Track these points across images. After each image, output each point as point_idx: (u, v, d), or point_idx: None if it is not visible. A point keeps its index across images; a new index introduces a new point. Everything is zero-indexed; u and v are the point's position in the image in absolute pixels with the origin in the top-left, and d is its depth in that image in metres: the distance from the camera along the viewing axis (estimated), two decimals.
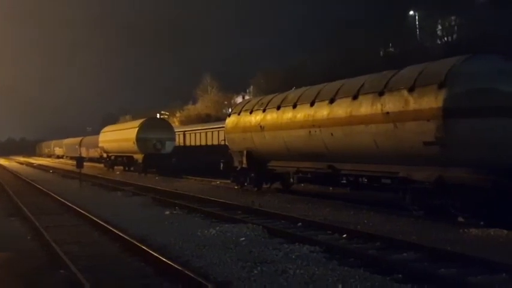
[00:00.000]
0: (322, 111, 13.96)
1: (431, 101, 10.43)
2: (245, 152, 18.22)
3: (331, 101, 13.69)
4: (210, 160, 24.88)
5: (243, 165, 18.44)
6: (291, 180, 16.73)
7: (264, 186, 18.53)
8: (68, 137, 70.05)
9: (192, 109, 66.30)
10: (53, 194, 17.70)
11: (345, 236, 9.32)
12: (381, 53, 38.39)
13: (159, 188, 19.89)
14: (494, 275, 6.53)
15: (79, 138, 58.20)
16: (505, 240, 8.69)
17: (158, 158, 30.53)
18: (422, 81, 10.87)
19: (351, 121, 12.75)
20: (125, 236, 9.32)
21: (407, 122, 10.98)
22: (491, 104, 10.00)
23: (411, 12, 37.40)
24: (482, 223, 9.87)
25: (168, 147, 31.57)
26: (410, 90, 10.99)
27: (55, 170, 37.77)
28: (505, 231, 9.09)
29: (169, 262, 7.17)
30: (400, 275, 6.56)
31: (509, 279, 6.37)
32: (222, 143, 24.90)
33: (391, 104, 11.46)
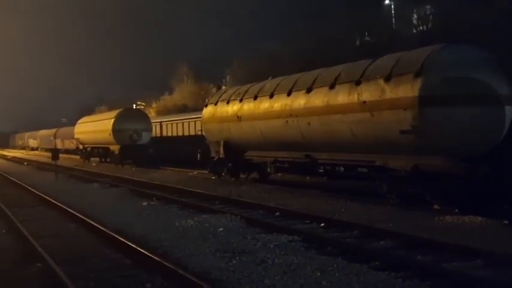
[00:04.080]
0: (299, 100, 13.99)
1: (407, 89, 10.52)
2: (222, 142, 18.17)
3: (308, 91, 13.72)
4: (187, 151, 24.76)
5: (220, 156, 18.39)
6: (268, 170, 16.78)
7: (242, 176, 18.54)
8: (42, 129, 68.89)
9: (168, 99, 65.65)
10: (28, 187, 17.42)
11: (322, 225, 9.40)
12: (357, 42, 38.53)
13: (135, 179, 19.75)
14: (469, 261, 6.65)
15: (54, 130, 57.27)
16: (480, 227, 8.86)
17: (135, 149, 30.22)
18: (399, 70, 10.95)
19: (327, 110, 12.80)
20: (102, 228, 9.24)
21: (384, 111, 11.07)
22: (466, 93, 10.15)
23: (387, 1, 37.56)
24: (456, 210, 10.05)
25: (145, 138, 31.29)
26: (387, 79, 11.07)
27: (30, 162, 37.17)
28: (479, 218, 9.26)
29: (147, 253, 7.13)
30: (377, 263, 6.64)
31: (484, 265, 6.50)
32: (199, 133, 24.79)
33: (367, 93, 11.54)
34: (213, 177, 19.43)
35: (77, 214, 11.02)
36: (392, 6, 37.79)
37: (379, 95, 11.21)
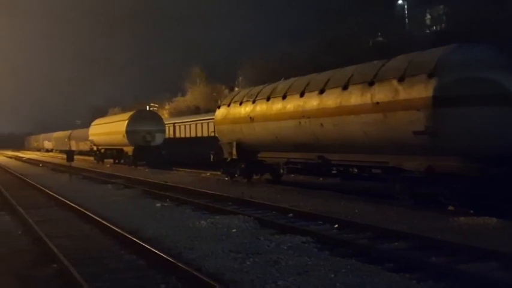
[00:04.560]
0: (312, 101, 13.98)
1: (421, 90, 10.47)
2: (235, 144, 18.21)
3: (321, 92, 13.70)
4: (200, 152, 24.84)
5: (233, 157, 18.43)
6: (281, 171, 16.77)
7: (254, 177, 18.55)
8: (57, 131, 69.54)
9: (181, 101, 65.98)
10: (43, 188, 17.58)
11: (336, 226, 9.38)
12: (370, 42, 38.41)
13: (149, 180, 19.84)
14: (484, 262, 6.60)
15: (68, 132, 57.80)
16: (495, 228, 8.78)
17: (148, 150, 30.42)
18: (412, 70, 10.90)
19: (340, 111, 12.77)
20: (117, 229, 9.30)
21: (397, 111, 11.02)
22: (480, 93, 10.07)
23: (400, 1, 37.44)
24: (472, 211, 9.97)
25: (158, 140, 31.47)
26: (400, 80, 11.03)
27: (44, 164, 37.50)
28: (495, 219, 9.18)
29: (161, 254, 7.17)
30: (391, 264, 6.61)
31: (499, 266, 6.45)
32: (212, 134, 24.87)
33: (381, 94, 11.49)
34: (226, 179, 19.47)
35: (91, 215, 11.10)
36: (405, 7, 37.64)
37: (392, 96, 11.17)
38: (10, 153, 75.60)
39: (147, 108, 57.12)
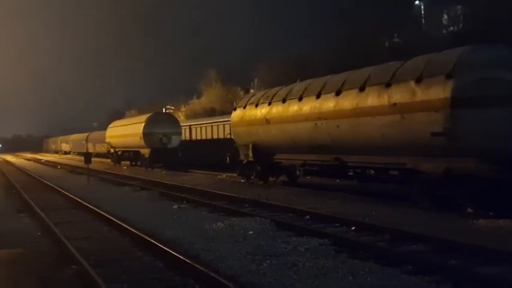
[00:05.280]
0: (328, 103, 13.94)
1: (439, 91, 10.38)
2: (251, 146, 18.22)
3: (338, 93, 13.65)
4: (215, 154, 24.91)
5: (249, 159, 18.46)
6: (297, 173, 16.72)
7: (270, 179, 18.55)
8: (74, 133, 70.26)
9: (196, 103, 66.23)
10: (61, 190, 17.80)
11: (353, 228, 9.33)
12: (386, 43, 38.18)
13: (165, 182, 19.96)
14: (505, 265, 6.50)
15: (85, 134, 58.33)
16: None
17: (164, 152, 30.60)
18: (430, 71, 10.82)
19: (357, 113, 12.71)
20: (134, 230, 9.37)
21: (415, 113, 10.94)
22: (499, 94, 9.96)
23: (417, 2, 37.15)
24: (491, 214, 9.85)
25: (174, 142, 31.64)
26: (418, 81, 10.95)
27: (62, 166, 37.95)
28: None
29: (179, 256, 7.21)
30: (410, 267, 6.56)
31: None
32: (228, 136, 24.91)
33: (398, 95, 11.42)
34: (242, 180, 19.50)
35: (109, 217, 11.21)
36: (422, 7, 37.35)
37: (409, 97, 11.09)
38: (29, 155, 76.62)
39: (163, 111, 57.48)
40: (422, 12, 37.29)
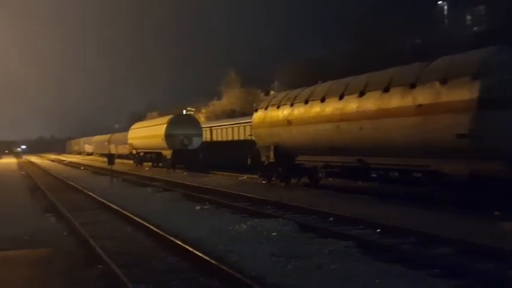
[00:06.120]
0: (351, 104, 13.87)
1: (464, 92, 10.26)
2: (272, 147, 18.22)
3: (361, 94, 13.58)
4: (236, 155, 24.97)
5: (270, 160, 18.46)
6: (319, 174, 16.67)
7: (292, 181, 18.51)
8: (96, 135, 71.13)
9: (217, 105, 66.47)
10: (85, 191, 18.02)
11: (378, 230, 9.25)
12: (408, 44, 37.83)
13: (187, 183, 20.06)
14: None
15: (108, 136, 59.04)
16: None
17: (186, 153, 30.79)
18: (455, 72, 10.71)
19: (380, 114, 12.63)
20: (158, 231, 9.44)
21: (440, 114, 10.83)
22: None
23: (439, 2, 36.74)
24: None
25: (196, 143, 31.82)
26: (443, 82, 10.85)
27: (85, 167, 38.42)
28: None
29: (204, 257, 7.24)
30: (437, 270, 6.49)
31: None
32: (249, 138, 24.95)
33: (423, 96, 11.32)
34: (263, 182, 19.50)
35: (133, 217, 11.31)
36: (445, 7, 36.92)
37: (434, 98, 10.98)
38: (52, 156, 77.84)
39: (184, 112, 57.82)
40: (445, 13, 36.86)
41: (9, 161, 64.26)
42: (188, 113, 59.24)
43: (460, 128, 10.35)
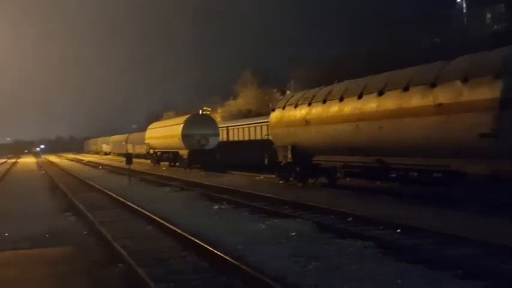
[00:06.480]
0: (370, 104, 13.76)
1: (486, 92, 10.12)
2: (290, 147, 18.16)
3: (380, 94, 13.46)
4: (253, 155, 24.95)
5: (288, 160, 18.40)
6: (338, 174, 16.56)
7: (309, 181, 18.44)
8: (114, 134, 71.69)
9: (233, 105, 66.54)
10: (104, 190, 18.17)
11: (398, 230, 9.16)
12: (427, 43, 37.46)
13: (205, 183, 20.11)
14: None
15: (125, 135, 59.45)
16: None
17: (203, 153, 30.89)
18: (477, 71, 10.56)
19: (400, 113, 12.51)
20: (178, 230, 9.47)
21: (461, 113, 10.69)
22: None
23: (458, 0, 36.33)
24: None
25: (212, 143, 31.90)
26: (464, 81, 10.71)
27: (103, 167, 38.75)
28: None
29: (224, 256, 7.23)
30: (460, 271, 6.39)
31: None
32: (266, 137, 24.92)
33: (443, 95, 11.18)
34: (280, 182, 19.45)
35: (152, 216, 11.37)
36: (464, 6, 36.51)
37: (455, 98, 10.84)
38: (71, 156, 78.67)
39: (200, 112, 58.00)
40: (464, 11, 36.44)
41: (29, 160, 65.17)
42: (204, 112, 59.41)
43: (482, 128, 10.21)
